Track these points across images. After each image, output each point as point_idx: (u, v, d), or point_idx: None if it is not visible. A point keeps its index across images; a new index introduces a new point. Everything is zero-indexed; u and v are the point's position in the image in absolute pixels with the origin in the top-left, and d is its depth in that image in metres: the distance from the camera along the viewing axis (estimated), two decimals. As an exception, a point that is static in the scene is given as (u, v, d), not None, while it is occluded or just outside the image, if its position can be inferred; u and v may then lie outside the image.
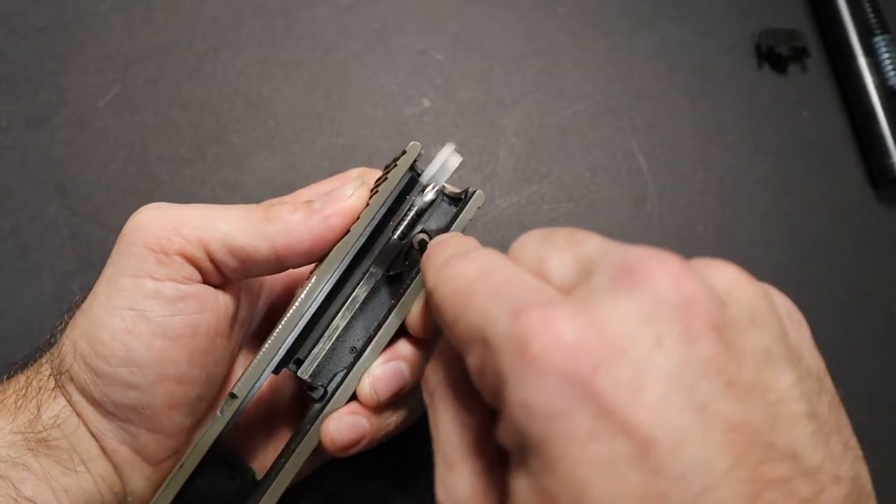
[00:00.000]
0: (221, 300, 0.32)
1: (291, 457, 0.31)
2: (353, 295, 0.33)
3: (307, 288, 0.31)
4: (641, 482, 0.18)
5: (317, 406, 0.32)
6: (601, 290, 0.21)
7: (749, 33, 0.51)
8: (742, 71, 0.51)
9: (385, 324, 0.32)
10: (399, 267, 0.33)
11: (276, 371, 0.32)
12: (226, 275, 0.32)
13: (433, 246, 0.28)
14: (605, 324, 0.20)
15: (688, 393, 0.19)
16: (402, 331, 0.33)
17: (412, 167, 0.33)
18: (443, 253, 0.26)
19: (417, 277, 0.32)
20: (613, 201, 0.47)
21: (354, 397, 0.32)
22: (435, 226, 0.33)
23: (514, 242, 0.25)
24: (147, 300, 0.30)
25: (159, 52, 0.50)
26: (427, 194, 0.33)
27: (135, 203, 0.33)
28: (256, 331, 0.37)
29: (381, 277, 0.33)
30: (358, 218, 0.32)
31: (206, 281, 0.32)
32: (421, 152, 0.32)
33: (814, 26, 0.52)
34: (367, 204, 0.32)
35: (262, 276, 0.36)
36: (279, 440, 0.36)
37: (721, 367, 0.20)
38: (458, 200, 0.33)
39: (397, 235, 0.33)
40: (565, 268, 0.23)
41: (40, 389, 0.32)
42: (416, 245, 0.33)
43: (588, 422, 0.19)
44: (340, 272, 0.32)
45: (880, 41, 0.49)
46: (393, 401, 0.33)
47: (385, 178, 0.32)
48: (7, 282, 0.45)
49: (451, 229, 0.33)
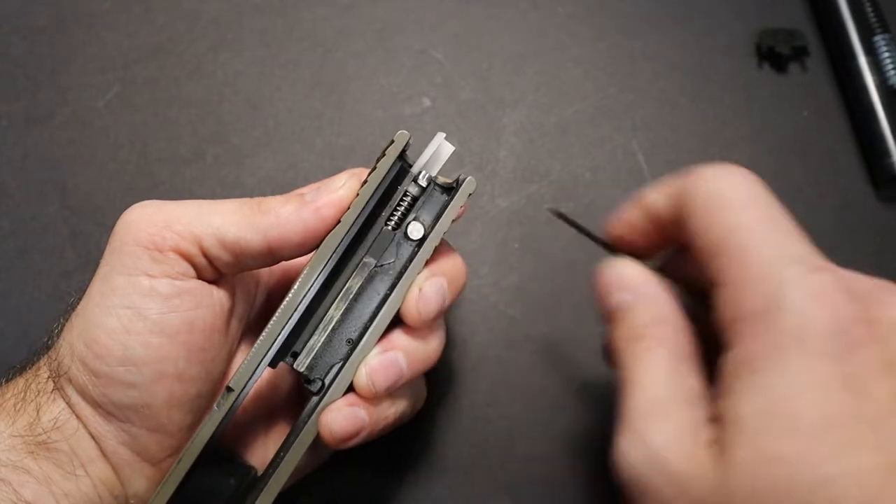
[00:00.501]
0: (216, 295, 0.33)
1: (290, 450, 0.31)
2: (347, 286, 0.33)
3: (300, 280, 0.31)
4: None
5: (314, 399, 0.32)
6: None
7: (749, 33, 0.51)
8: (742, 71, 0.51)
9: (380, 314, 0.32)
10: (392, 256, 0.33)
11: (273, 364, 0.32)
12: (220, 269, 0.32)
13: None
14: None
15: None
16: (398, 321, 0.33)
17: (402, 157, 0.33)
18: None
19: (411, 266, 0.32)
20: (613, 201, 0.47)
21: (352, 389, 0.32)
22: (428, 215, 0.34)
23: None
24: (142, 298, 0.31)
25: (159, 52, 0.50)
26: (419, 182, 0.33)
27: (134, 203, 0.33)
28: (254, 325, 0.37)
29: (375, 267, 0.33)
30: (349, 208, 0.32)
31: (201, 276, 0.32)
32: (410, 141, 0.32)
33: (814, 26, 0.52)
34: (357, 194, 0.32)
35: (257, 270, 0.36)
36: (279, 436, 0.36)
37: None
38: (451, 189, 0.33)
39: (390, 225, 0.33)
40: None
41: (39, 392, 0.32)
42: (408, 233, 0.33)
43: None
44: (333, 263, 0.32)
45: (880, 40, 0.49)
46: (391, 391, 0.33)
47: (374, 168, 0.32)
48: (7, 282, 0.45)
49: (443, 216, 0.33)
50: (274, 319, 0.31)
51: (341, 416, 0.31)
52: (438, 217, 0.33)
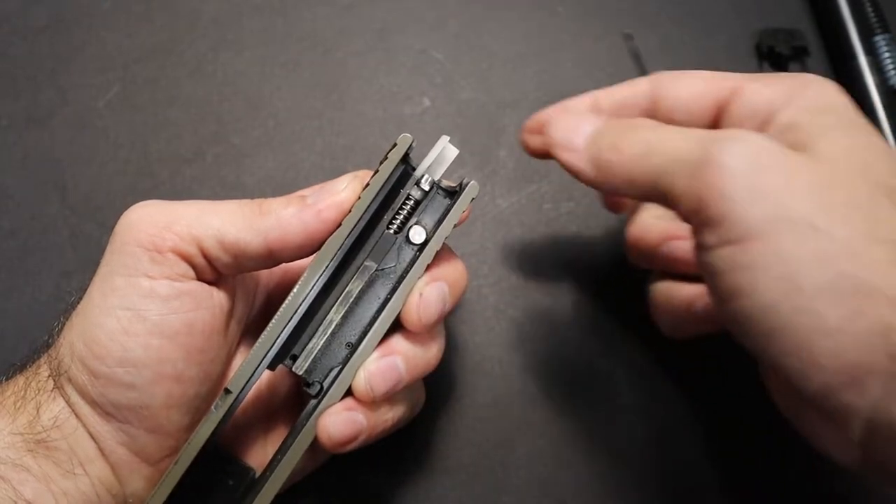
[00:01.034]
0: (216, 297, 0.33)
1: (287, 453, 0.31)
2: (348, 289, 0.33)
3: (300, 283, 0.31)
4: None
5: (313, 402, 0.32)
6: None
7: (749, 33, 0.51)
8: (742, 71, 0.50)
9: (379, 318, 0.32)
10: (393, 260, 0.33)
11: (272, 367, 0.32)
12: (220, 270, 0.32)
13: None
14: None
15: None
16: (398, 325, 0.33)
17: (405, 160, 0.33)
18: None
19: (412, 271, 0.32)
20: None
21: (351, 393, 0.32)
22: (430, 219, 0.33)
23: None
24: (142, 299, 0.31)
25: (159, 52, 0.50)
26: (422, 186, 0.33)
27: (135, 203, 0.33)
28: (254, 327, 0.37)
29: (376, 271, 0.33)
30: (350, 211, 0.32)
31: (201, 277, 0.32)
32: (413, 144, 0.32)
33: (814, 26, 0.52)
34: (359, 197, 0.32)
35: (257, 271, 0.36)
36: (278, 437, 0.36)
37: None
38: (454, 193, 0.33)
39: (392, 229, 0.33)
40: None
41: (39, 391, 0.32)
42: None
43: None
44: (334, 266, 0.32)
45: (881, 40, 0.49)
46: (389, 396, 0.33)
47: (377, 171, 0.32)
48: (7, 282, 0.45)
49: (445, 220, 0.33)
50: (273, 322, 0.31)
51: (339, 420, 0.31)
52: (440, 221, 0.33)
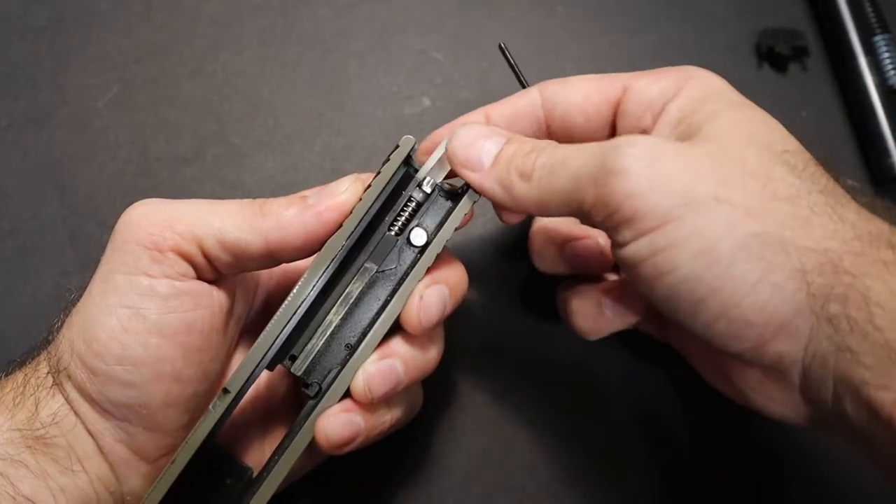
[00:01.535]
0: (216, 296, 0.32)
1: (285, 453, 0.31)
2: (348, 290, 0.33)
3: (300, 283, 0.31)
4: None
5: (311, 403, 0.32)
6: None
7: (749, 33, 0.51)
8: (742, 70, 0.51)
9: (379, 320, 0.32)
10: (393, 262, 0.33)
11: (271, 367, 0.32)
12: (220, 270, 0.32)
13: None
14: None
15: None
16: (398, 327, 0.33)
17: (408, 162, 0.33)
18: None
19: (412, 273, 0.32)
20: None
21: (349, 394, 0.32)
22: (431, 221, 0.33)
23: None
24: (142, 298, 0.31)
25: (159, 52, 0.50)
26: (423, 188, 0.33)
27: (134, 203, 0.33)
28: (253, 326, 0.37)
29: (376, 273, 0.33)
30: (351, 212, 0.32)
31: (200, 277, 0.32)
32: (415, 146, 0.32)
33: (814, 26, 0.52)
34: (360, 198, 0.32)
35: (257, 271, 0.36)
36: (276, 437, 0.36)
37: None
38: (456, 195, 0.33)
39: (393, 231, 0.33)
40: None
41: (38, 387, 0.32)
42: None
43: None
44: (334, 267, 0.32)
45: (880, 40, 0.49)
46: (387, 399, 0.33)
47: (378, 173, 0.32)
48: (7, 282, 0.45)
49: (447, 223, 0.32)
50: (272, 322, 0.31)
51: (337, 422, 0.31)
52: (442, 224, 0.33)
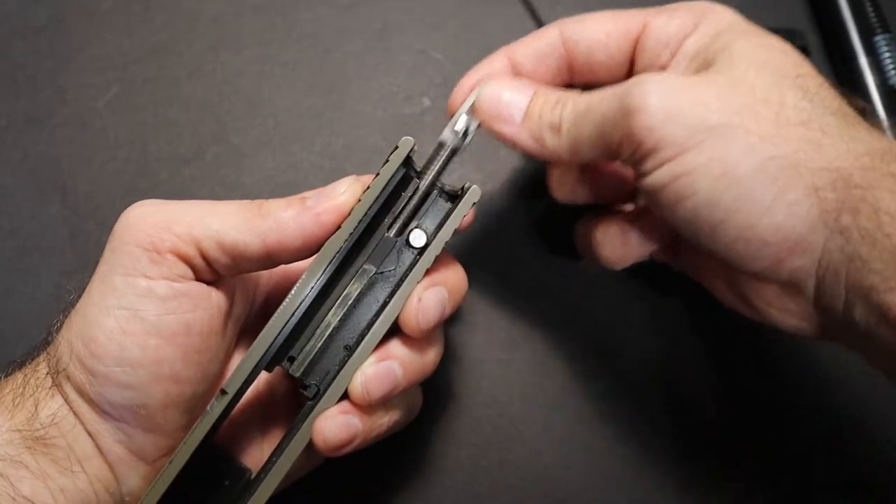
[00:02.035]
0: (214, 297, 0.32)
1: (283, 455, 0.31)
2: (346, 292, 0.33)
3: (298, 284, 0.31)
4: None
5: (309, 404, 0.32)
6: None
7: (749, 33, 0.51)
8: (742, 70, 0.50)
9: (377, 322, 0.32)
10: (392, 264, 0.33)
11: (269, 368, 0.32)
12: (218, 271, 0.32)
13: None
14: None
15: None
16: (397, 329, 0.33)
17: (407, 163, 0.33)
18: None
19: (411, 275, 0.32)
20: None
21: (347, 396, 0.32)
22: (431, 222, 0.33)
23: None
24: (140, 299, 0.31)
25: (159, 52, 0.50)
26: (423, 189, 0.33)
27: (134, 203, 0.33)
28: (252, 327, 0.37)
29: (375, 274, 0.33)
30: (350, 213, 0.32)
31: (199, 278, 0.32)
32: (414, 148, 0.32)
33: (814, 26, 0.52)
34: (359, 200, 0.32)
35: (256, 272, 0.36)
36: (275, 438, 0.36)
37: None
38: (455, 196, 0.33)
39: (392, 232, 0.33)
40: None
41: (38, 388, 0.32)
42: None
43: None
44: (333, 268, 0.32)
45: (881, 40, 0.49)
46: (385, 401, 0.32)
47: (377, 174, 0.32)
48: (7, 282, 0.45)
49: (446, 224, 0.32)
50: (271, 323, 0.31)
51: (335, 424, 0.31)
52: (441, 225, 0.33)
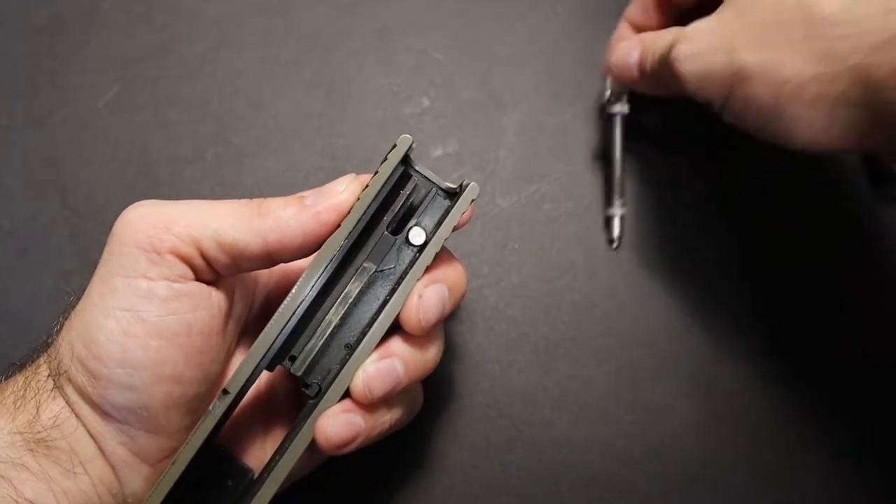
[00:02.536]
0: (215, 297, 0.32)
1: (285, 454, 0.31)
2: (347, 290, 0.33)
3: (298, 283, 0.31)
4: None
5: (311, 403, 0.32)
6: None
7: (750, 33, 0.51)
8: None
9: (378, 320, 0.32)
10: (392, 262, 0.33)
11: (270, 368, 0.32)
12: (218, 271, 0.32)
13: None
14: None
15: None
16: (398, 327, 0.33)
17: (406, 161, 0.33)
18: None
19: (411, 272, 0.32)
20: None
21: (349, 395, 0.32)
22: (430, 220, 0.33)
23: None
24: (141, 300, 0.30)
25: (159, 52, 0.50)
26: (422, 187, 0.33)
27: (131, 204, 0.33)
28: (253, 326, 0.37)
29: (375, 272, 0.33)
30: (349, 212, 0.32)
31: (199, 278, 0.32)
32: (413, 145, 0.32)
33: (815, 26, 0.52)
34: (358, 198, 0.32)
35: (256, 272, 0.36)
36: (278, 438, 0.36)
37: None
38: (454, 194, 0.33)
39: (391, 230, 0.33)
40: None
41: (39, 390, 0.32)
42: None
43: None
44: (333, 267, 0.32)
45: (881, 40, 0.49)
46: (387, 399, 0.33)
47: (376, 172, 0.32)
48: (7, 282, 0.45)
49: (445, 221, 0.32)
50: (271, 322, 0.31)
51: (337, 423, 0.31)
52: (440, 223, 0.33)
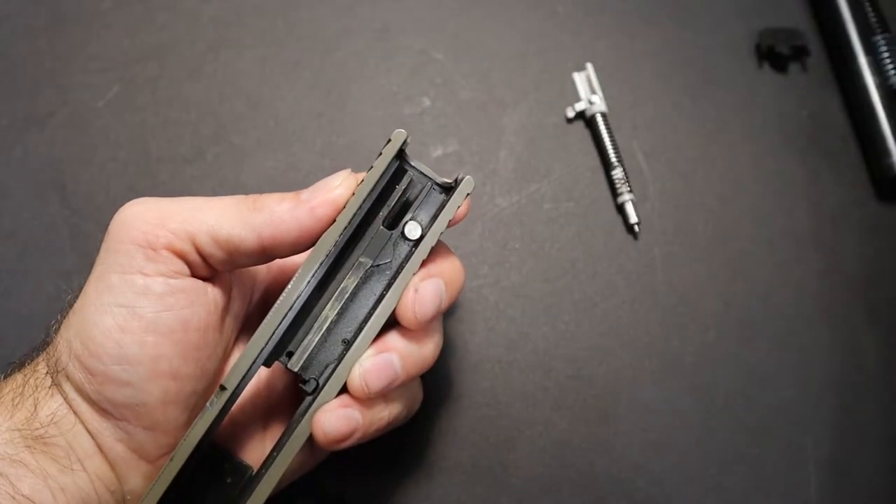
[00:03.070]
0: (211, 293, 0.33)
1: (283, 450, 0.31)
2: (343, 285, 0.33)
3: (294, 279, 0.31)
4: None
5: (308, 398, 0.32)
6: None
7: (749, 33, 0.51)
8: (742, 70, 0.51)
9: (374, 314, 0.32)
10: (388, 256, 0.33)
11: (268, 364, 0.32)
12: (214, 267, 0.32)
13: None
14: None
15: None
16: (395, 322, 0.33)
17: (401, 156, 0.33)
18: None
19: (407, 266, 0.32)
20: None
21: (347, 390, 0.32)
22: (425, 214, 0.33)
23: None
24: (137, 297, 0.31)
25: (159, 52, 0.50)
26: (417, 181, 0.33)
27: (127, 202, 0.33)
28: (250, 322, 0.37)
29: (371, 267, 0.33)
30: (345, 207, 0.32)
31: (195, 274, 0.32)
32: (407, 140, 0.32)
33: (814, 25, 0.52)
34: (354, 193, 0.32)
35: (252, 267, 0.36)
36: (276, 434, 0.36)
37: None
38: (450, 189, 0.33)
39: (386, 224, 0.33)
40: None
41: (37, 387, 0.32)
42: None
43: None
44: (329, 262, 0.32)
45: (880, 40, 0.49)
46: (385, 394, 0.32)
47: (371, 167, 0.32)
48: (7, 282, 0.45)
49: (441, 215, 0.32)
50: (268, 318, 0.31)
51: (334, 417, 0.31)
52: (436, 217, 0.33)
